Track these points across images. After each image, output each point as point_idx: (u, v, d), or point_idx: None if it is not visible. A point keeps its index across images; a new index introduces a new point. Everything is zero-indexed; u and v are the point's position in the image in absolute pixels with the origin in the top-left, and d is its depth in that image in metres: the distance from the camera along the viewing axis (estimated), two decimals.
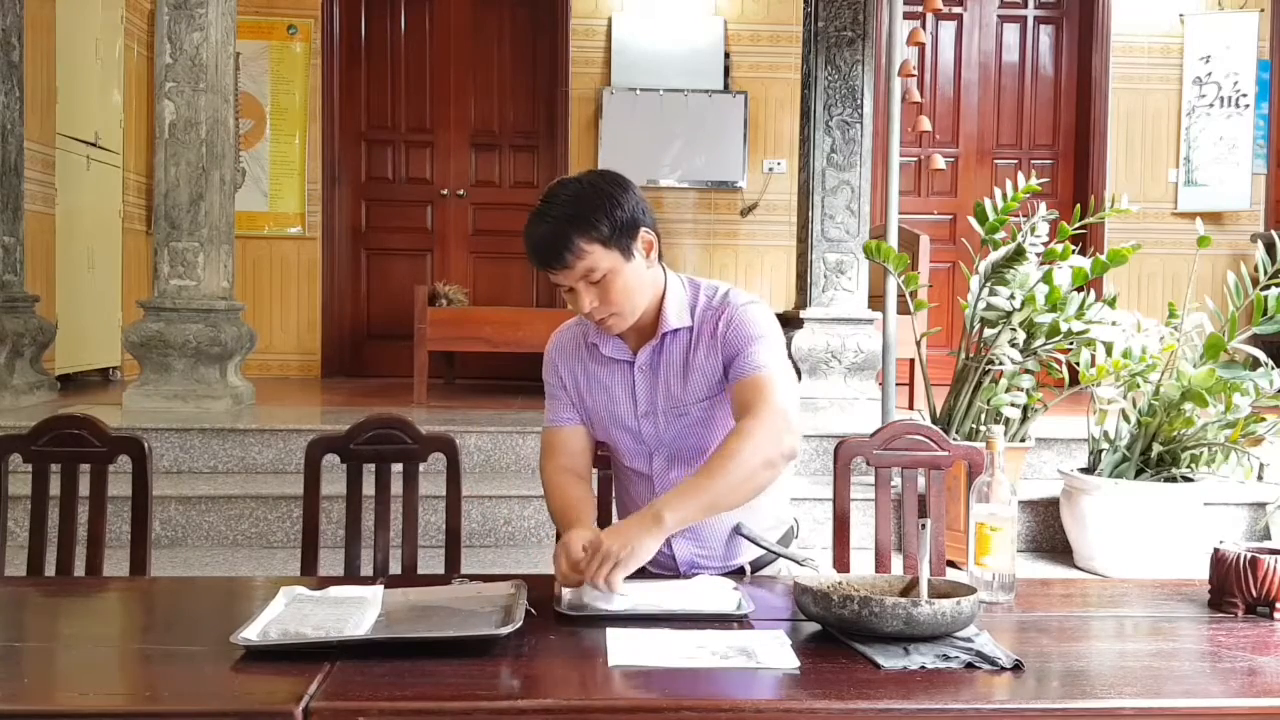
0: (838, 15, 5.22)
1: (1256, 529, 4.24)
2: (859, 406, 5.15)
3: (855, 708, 1.31)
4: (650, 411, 1.97)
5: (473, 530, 4.04)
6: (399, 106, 7.04)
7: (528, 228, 1.86)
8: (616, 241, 1.84)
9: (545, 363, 2.08)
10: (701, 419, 1.95)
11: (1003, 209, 4.14)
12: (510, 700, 1.32)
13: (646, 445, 1.99)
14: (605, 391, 1.99)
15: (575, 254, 1.82)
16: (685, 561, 2.00)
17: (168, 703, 1.32)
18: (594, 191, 1.85)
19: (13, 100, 4.96)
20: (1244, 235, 6.97)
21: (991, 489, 1.78)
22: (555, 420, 2.05)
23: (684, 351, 1.94)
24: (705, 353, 1.93)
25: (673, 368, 1.95)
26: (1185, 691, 1.41)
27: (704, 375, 1.93)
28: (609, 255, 1.84)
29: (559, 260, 1.82)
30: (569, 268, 1.83)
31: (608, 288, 1.86)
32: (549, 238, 1.82)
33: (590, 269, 1.83)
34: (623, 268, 1.86)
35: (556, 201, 1.84)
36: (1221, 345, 3.76)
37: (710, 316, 1.94)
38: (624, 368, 1.98)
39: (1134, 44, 7.09)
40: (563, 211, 1.83)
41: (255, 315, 6.35)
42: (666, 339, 1.95)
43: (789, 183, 6.66)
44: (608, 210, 1.83)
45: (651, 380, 1.96)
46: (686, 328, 1.95)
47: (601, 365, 2.00)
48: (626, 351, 1.98)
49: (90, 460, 2.14)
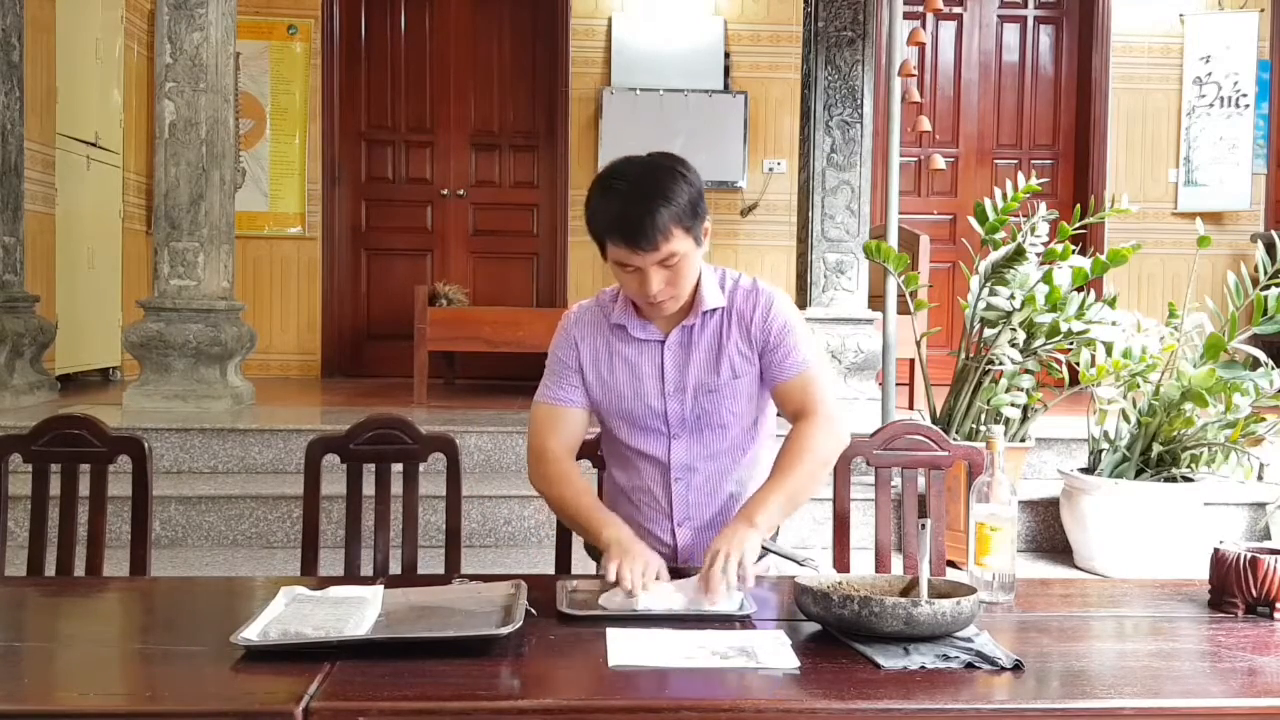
0: (838, 15, 5.22)
1: (1256, 529, 4.24)
2: (859, 406, 5.15)
3: (855, 708, 1.32)
4: (678, 390, 2.00)
5: (473, 530, 4.04)
6: (399, 106, 7.04)
7: (612, 203, 1.87)
8: (693, 226, 1.89)
9: (561, 337, 2.07)
10: (730, 396, 2.00)
11: (1003, 209, 4.14)
12: (510, 700, 1.32)
13: (668, 425, 2.01)
14: (631, 370, 2.01)
15: (665, 237, 1.85)
16: (686, 549, 2.04)
17: (168, 703, 1.33)
18: (673, 172, 1.89)
19: (13, 100, 4.96)
20: (1244, 235, 6.97)
21: (991, 489, 1.78)
22: (557, 398, 2.04)
23: (716, 332, 2.00)
24: (739, 335, 1.99)
25: (705, 348, 1.99)
26: (1185, 691, 1.41)
27: (738, 356, 1.99)
28: (686, 241, 1.88)
29: (649, 241, 1.84)
30: (656, 249, 1.85)
31: (678, 272, 1.90)
32: (642, 217, 1.83)
33: (672, 253, 1.87)
34: (693, 253, 1.91)
35: (645, 182, 1.86)
36: (1221, 345, 3.76)
37: (741, 300, 2.00)
38: (654, 347, 2.01)
39: (1134, 44, 7.09)
40: (654, 190, 1.85)
41: (255, 315, 6.35)
42: (702, 319, 1.99)
43: (789, 183, 6.65)
44: (689, 191, 1.88)
45: (682, 360, 2.00)
46: (721, 308, 2.00)
47: (629, 345, 2.02)
48: (656, 332, 2.01)
49: (90, 460, 2.14)
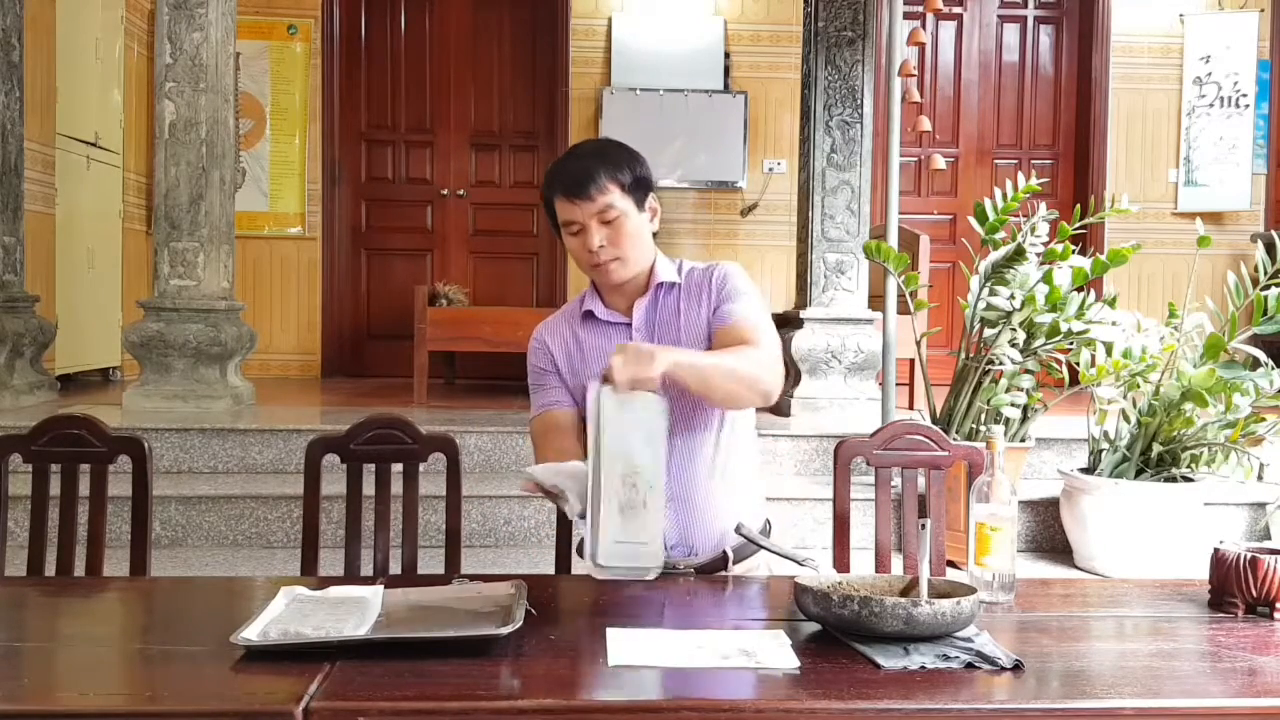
0: (838, 15, 5.21)
1: (1256, 529, 4.24)
2: (859, 406, 5.15)
3: (855, 708, 1.31)
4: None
5: (473, 530, 4.04)
6: (399, 106, 7.04)
7: (556, 164, 2.07)
8: (633, 191, 2.04)
9: (533, 349, 2.16)
10: None
11: (1003, 209, 4.14)
12: (510, 700, 1.32)
13: None
14: (603, 355, 2.05)
15: (599, 189, 2.00)
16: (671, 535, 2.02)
17: (168, 703, 1.32)
18: (620, 146, 2.09)
19: (13, 100, 4.96)
20: (1244, 235, 6.96)
21: (991, 489, 1.78)
22: (546, 405, 2.11)
23: (676, 308, 2.09)
24: (697, 306, 2.08)
25: (668, 324, 2.08)
26: (1185, 691, 1.41)
27: (698, 328, 2.07)
28: (625, 200, 2.02)
29: (583, 191, 1.99)
30: (590, 199, 1.99)
31: (619, 229, 2.02)
32: (578, 170, 2.01)
33: (608, 205, 2.00)
34: (633, 214, 2.04)
35: (587, 146, 2.10)
36: (1221, 345, 3.76)
37: (699, 276, 2.11)
38: (621, 330, 2.09)
39: (1134, 44, 7.09)
40: (594, 152, 2.06)
41: (255, 315, 6.34)
42: (660, 294, 2.09)
43: (789, 183, 6.65)
44: (630, 162, 2.05)
45: (649, 339, 2.05)
46: (677, 284, 2.10)
47: (597, 332, 2.10)
48: (620, 315, 2.10)
49: (90, 460, 2.14)
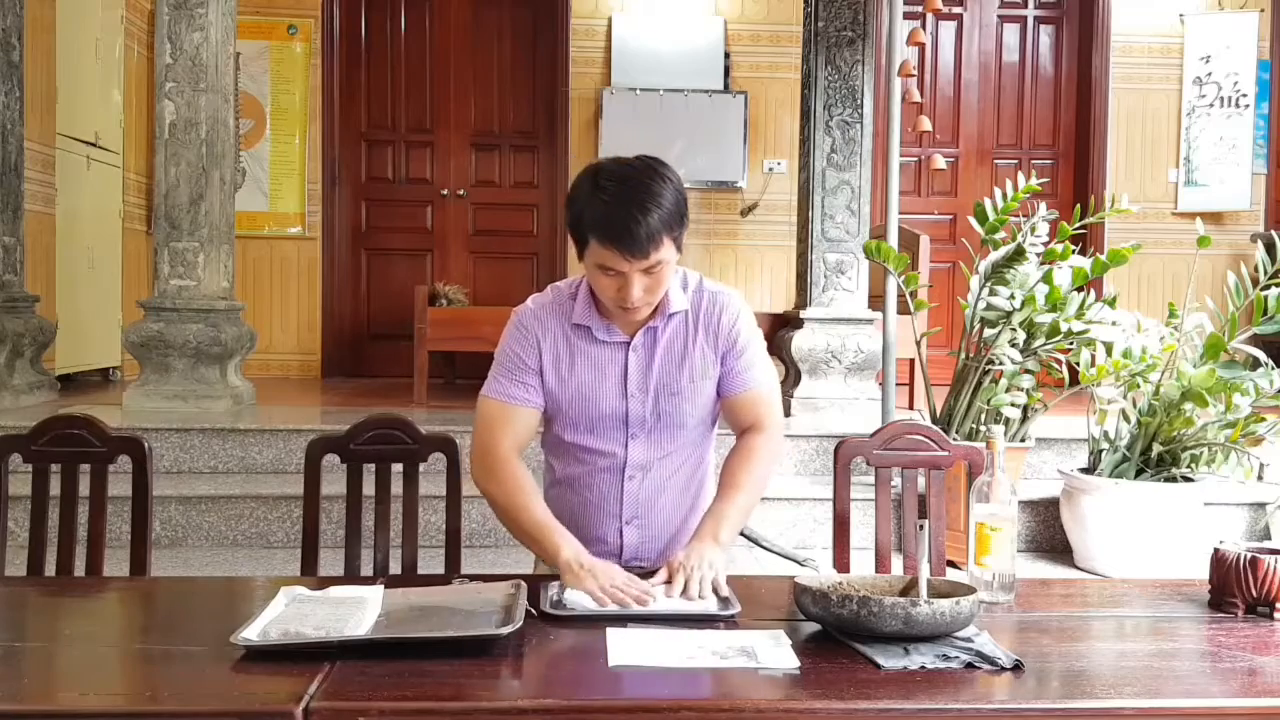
0: (838, 15, 5.21)
1: (1256, 529, 4.24)
2: (859, 406, 5.15)
3: (855, 708, 1.32)
4: (640, 391, 2.01)
5: (473, 530, 4.03)
6: (399, 106, 7.04)
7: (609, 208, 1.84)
8: (679, 236, 1.91)
9: (520, 334, 2.02)
10: (691, 397, 2.03)
11: (1003, 209, 4.14)
12: (510, 700, 1.32)
13: (628, 425, 2.02)
14: (595, 371, 2.01)
15: (656, 245, 1.85)
16: (631, 548, 2.05)
17: (168, 703, 1.33)
18: (671, 186, 1.89)
19: (13, 100, 4.96)
20: (1244, 235, 6.96)
21: (991, 489, 1.78)
22: (511, 396, 2.00)
23: (680, 335, 2.02)
24: (704, 339, 2.02)
25: (670, 350, 2.02)
26: (1185, 691, 1.41)
27: (701, 360, 2.02)
28: (672, 249, 1.89)
29: (641, 249, 1.83)
30: (646, 257, 1.85)
31: (658, 279, 1.91)
32: (638, 225, 1.82)
33: (658, 261, 1.87)
34: (673, 260, 1.92)
35: (641, 192, 1.84)
36: (1221, 345, 3.76)
37: (703, 304, 2.04)
38: (618, 349, 2.02)
39: (1134, 44, 7.09)
40: (653, 202, 1.84)
41: (255, 315, 6.34)
42: (666, 321, 2.01)
43: (789, 183, 6.65)
44: (681, 205, 1.90)
45: (646, 362, 2.01)
46: (684, 311, 2.02)
47: (593, 345, 2.02)
48: (620, 334, 2.01)
49: (90, 460, 2.14)
